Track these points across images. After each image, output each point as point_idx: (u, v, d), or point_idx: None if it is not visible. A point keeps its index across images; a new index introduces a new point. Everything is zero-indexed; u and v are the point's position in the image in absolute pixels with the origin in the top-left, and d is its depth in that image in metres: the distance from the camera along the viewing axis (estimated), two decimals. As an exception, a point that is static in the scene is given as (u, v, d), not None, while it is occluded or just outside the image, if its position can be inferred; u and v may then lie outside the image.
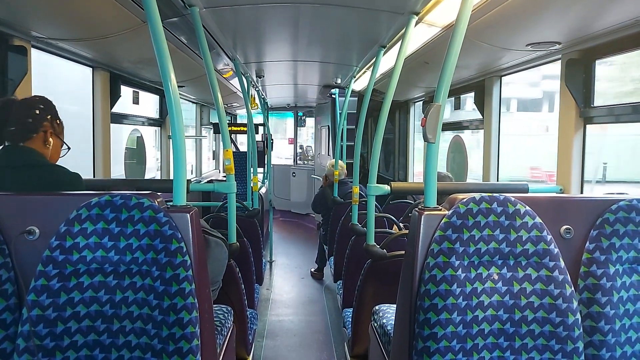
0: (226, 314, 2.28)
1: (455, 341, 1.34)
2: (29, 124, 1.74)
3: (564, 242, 1.48)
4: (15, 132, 1.71)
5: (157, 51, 1.46)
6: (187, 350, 1.31)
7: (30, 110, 1.76)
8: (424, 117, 1.53)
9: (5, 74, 2.25)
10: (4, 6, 1.99)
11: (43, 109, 1.80)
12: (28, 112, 1.75)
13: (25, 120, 1.74)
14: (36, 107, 1.78)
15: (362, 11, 2.45)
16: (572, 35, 2.22)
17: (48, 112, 1.82)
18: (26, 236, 1.39)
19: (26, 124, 1.74)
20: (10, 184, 1.66)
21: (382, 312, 2.24)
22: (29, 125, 1.74)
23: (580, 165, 2.53)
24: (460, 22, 1.52)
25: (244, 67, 4.10)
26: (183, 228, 1.37)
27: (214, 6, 2.34)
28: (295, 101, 8.42)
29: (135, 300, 1.33)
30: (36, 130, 1.76)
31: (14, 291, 1.36)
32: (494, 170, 3.37)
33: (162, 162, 4.91)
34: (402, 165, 5.65)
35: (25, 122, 1.73)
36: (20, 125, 1.73)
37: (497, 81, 3.33)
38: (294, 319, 4.19)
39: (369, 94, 3.08)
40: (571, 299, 1.36)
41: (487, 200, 1.40)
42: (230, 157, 2.56)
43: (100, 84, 3.27)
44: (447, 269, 1.35)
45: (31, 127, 1.75)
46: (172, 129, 1.50)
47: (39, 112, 1.77)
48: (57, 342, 1.31)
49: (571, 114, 2.50)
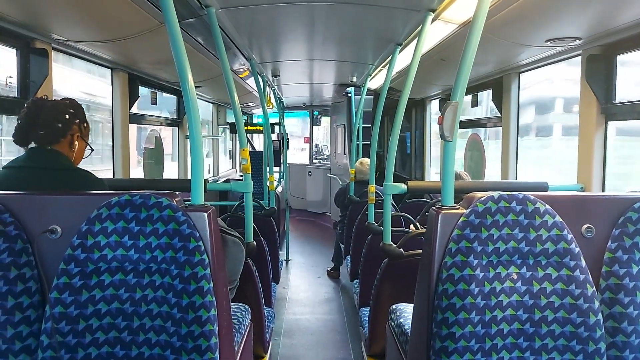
0: (244, 312, 2.29)
1: (474, 341, 1.33)
2: (59, 128, 1.76)
3: (585, 241, 1.45)
4: (44, 135, 1.74)
5: (174, 52, 1.47)
6: (206, 347, 1.33)
7: (61, 114, 1.78)
8: (440, 115, 1.52)
9: (28, 76, 2.30)
10: (26, 10, 2.03)
11: (73, 114, 1.82)
12: (58, 116, 1.77)
13: (56, 125, 1.76)
14: (67, 112, 1.80)
15: (378, 9, 2.44)
16: (592, 30, 2.18)
17: (77, 116, 1.84)
18: (49, 235, 1.42)
19: (56, 128, 1.76)
20: (36, 185, 1.69)
21: (399, 312, 2.23)
22: (58, 130, 1.76)
23: (601, 162, 2.48)
24: (477, 18, 1.50)
25: (259, 67, 4.11)
26: (201, 227, 1.39)
27: (230, 6, 2.36)
28: (311, 100, 8.42)
29: (155, 298, 1.35)
30: (65, 134, 1.79)
31: (37, 289, 1.39)
32: (512, 168, 3.32)
33: (179, 162, 4.97)
34: (418, 164, 5.61)
35: (55, 126, 1.75)
36: (50, 129, 1.74)
37: (516, 78, 3.28)
38: (311, 318, 4.20)
39: (384, 92, 3.06)
40: (593, 299, 1.34)
41: (505, 198, 1.39)
42: (246, 156, 2.58)
43: (120, 85, 3.32)
44: (465, 268, 1.34)
45: (60, 132, 1.77)
46: (189, 129, 1.51)
47: (68, 117, 1.80)
48: (79, 339, 1.33)
49: (592, 110, 2.45)
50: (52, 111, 1.77)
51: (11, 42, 2.23)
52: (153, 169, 4.39)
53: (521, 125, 3.34)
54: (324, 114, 9.74)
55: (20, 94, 2.30)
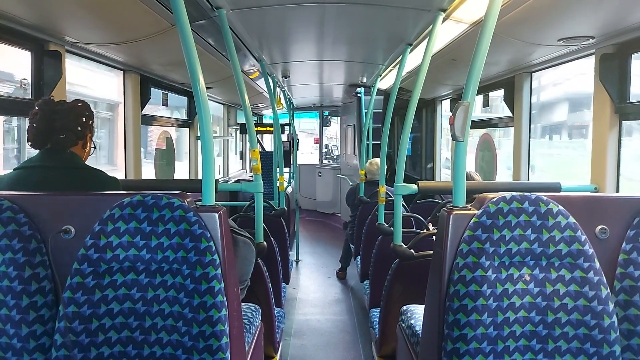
0: (254, 313, 2.30)
1: (486, 343, 1.32)
2: (79, 132, 1.82)
3: (599, 243, 1.44)
4: (65, 139, 1.78)
5: (185, 53, 1.48)
6: (217, 347, 1.33)
7: (79, 118, 1.83)
8: (452, 116, 1.51)
9: (42, 78, 2.33)
10: (40, 13, 2.06)
11: (88, 116, 1.87)
12: (77, 120, 1.82)
13: (76, 129, 1.80)
14: (84, 115, 1.85)
15: (388, 9, 2.43)
16: (606, 29, 2.15)
17: (91, 118, 1.89)
18: (62, 235, 1.44)
19: (76, 132, 1.81)
20: (53, 184, 1.72)
21: (410, 313, 2.22)
22: (78, 133, 1.81)
23: (615, 162, 2.45)
24: (489, 18, 1.49)
25: (270, 68, 4.13)
26: (212, 227, 1.40)
27: (240, 8, 2.37)
28: (321, 101, 8.42)
29: (167, 298, 1.36)
30: (83, 137, 1.85)
31: (51, 288, 1.41)
32: (524, 169, 3.29)
33: (190, 163, 5.00)
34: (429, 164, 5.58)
35: (75, 130, 1.80)
36: (71, 133, 1.79)
37: (528, 77, 3.25)
38: (321, 318, 4.20)
39: (395, 92, 3.05)
40: (607, 301, 1.32)
41: (518, 199, 1.37)
42: (257, 157, 2.58)
43: (131, 87, 3.35)
44: (476, 270, 1.33)
45: (80, 135, 1.83)
46: (200, 130, 1.52)
47: (85, 120, 1.85)
48: (92, 338, 1.35)
49: (606, 110, 2.42)
50: (71, 115, 1.81)
51: (26, 45, 2.27)
52: (164, 170, 4.42)
53: (554, 124, 3.16)
54: (333, 115, 9.73)
55: (34, 95, 2.33)
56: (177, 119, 4.62)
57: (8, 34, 2.12)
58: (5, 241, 1.38)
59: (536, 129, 3.67)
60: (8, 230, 1.38)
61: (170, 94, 4.21)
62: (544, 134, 4.04)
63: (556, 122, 3.35)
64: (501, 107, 3.64)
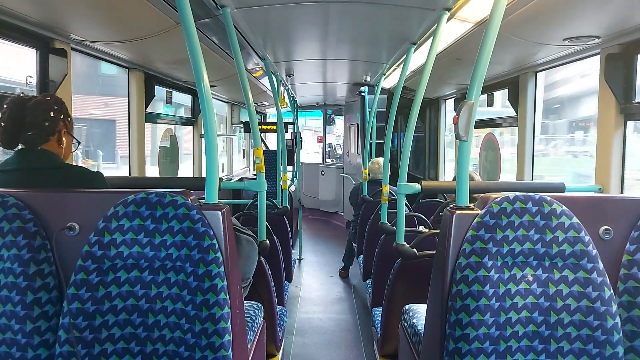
0: (256, 311, 2.30)
1: (488, 343, 1.32)
2: (47, 127, 1.72)
3: (602, 243, 1.43)
4: (33, 136, 1.69)
5: (190, 51, 1.49)
6: (219, 345, 1.34)
7: (46, 112, 1.72)
8: (456, 115, 1.51)
9: (47, 76, 2.34)
10: (46, 11, 2.07)
11: (57, 110, 1.76)
12: (44, 115, 1.72)
13: (43, 124, 1.71)
14: (52, 109, 1.74)
15: (393, 8, 2.43)
16: (611, 28, 2.14)
17: (62, 111, 1.79)
18: (67, 232, 1.45)
19: (44, 127, 1.71)
20: (37, 186, 1.65)
21: (412, 312, 2.22)
22: (46, 129, 1.72)
23: (620, 163, 2.44)
24: (494, 17, 1.48)
25: (274, 66, 4.13)
26: (215, 225, 1.40)
27: (245, 6, 2.37)
28: (325, 99, 8.43)
29: (170, 296, 1.37)
30: (53, 132, 1.74)
31: (55, 284, 1.42)
32: (528, 169, 3.28)
33: (194, 161, 5.01)
34: (432, 164, 5.57)
35: (42, 125, 1.71)
36: (38, 129, 1.70)
37: (533, 77, 3.24)
38: (323, 317, 4.21)
39: (399, 91, 3.05)
40: (610, 302, 1.32)
41: (521, 199, 1.37)
42: (260, 155, 2.59)
43: (136, 85, 3.36)
44: (479, 270, 1.33)
45: (49, 130, 1.73)
46: (204, 128, 1.52)
47: (53, 114, 1.74)
48: (96, 334, 1.36)
49: (611, 110, 2.41)
50: (38, 110, 1.71)
51: (32, 43, 2.28)
52: (168, 168, 4.43)
53: (581, 118, 2.97)
54: (337, 113, 9.72)
55: (40, 93, 2.34)
56: (180, 117, 4.63)
57: (14, 31, 2.13)
58: (10, 237, 1.39)
59: (562, 124, 3.45)
60: (13, 227, 1.39)
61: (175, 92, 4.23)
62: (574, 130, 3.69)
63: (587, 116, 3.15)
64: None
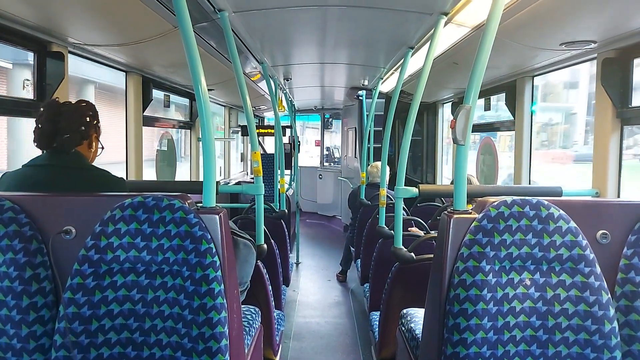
0: (254, 315, 2.30)
1: (486, 347, 1.31)
2: (82, 132, 1.84)
3: (600, 248, 1.43)
4: (69, 139, 1.80)
5: (188, 55, 1.49)
6: (216, 349, 1.33)
7: (82, 118, 1.84)
8: (453, 119, 1.51)
9: (44, 79, 2.34)
10: (43, 14, 2.07)
11: (92, 116, 1.89)
12: (81, 120, 1.84)
13: (79, 129, 1.82)
14: (87, 115, 1.86)
15: (390, 12, 2.44)
16: (608, 33, 2.15)
17: (95, 117, 1.91)
18: (63, 236, 1.44)
19: (80, 132, 1.83)
20: (59, 183, 1.74)
21: (410, 316, 2.22)
22: (82, 133, 1.84)
23: (617, 167, 2.44)
24: (491, 21, 1.49)
25: (271, 70, 4.13)
26: (213, 229, 1.40)
27: (242, 10, 2.37)
28: (322, 103, 8.43)
29: (167, 300, 1.36)
30: (87, 137, 1.86)
31: (51, 289, 1.41)
32: (525, 173, 3.29)
33: (191, 164, 5.01)
34: (430, 168, 5.58)
35: (78, 130, 1.82)
36: (74, 133, 1.81)
37: (529, 81, 3.25)
38: (321, 321, 4.19)
39: (396, 95, 3.06)
40: (608, 306, 1.32)
41: (519, 203, 1.37)
42: (258, 159, 2.58)
43: (133, 88, 3.36)
44: (477, 274, 1.33)
45: (84, 135, 1.85)
46: (202, 132, 1.52)
47: (89, 120, 1.86)
48: (92, 339, 1.35)
49: (607, 114, 2.42)
50: (75, 115, 1.83)
51: (29, 46, 2.27)
52: (165, 171, 4.42)
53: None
54: (335, 117, 9.73)
55: (36, 96, 2.34)
56: (178, 120, 4.63)
57: (11, 34, 2.12)
58: (6, 241, 1.38)
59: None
60: (9, 231, 1.39)
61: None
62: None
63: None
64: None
